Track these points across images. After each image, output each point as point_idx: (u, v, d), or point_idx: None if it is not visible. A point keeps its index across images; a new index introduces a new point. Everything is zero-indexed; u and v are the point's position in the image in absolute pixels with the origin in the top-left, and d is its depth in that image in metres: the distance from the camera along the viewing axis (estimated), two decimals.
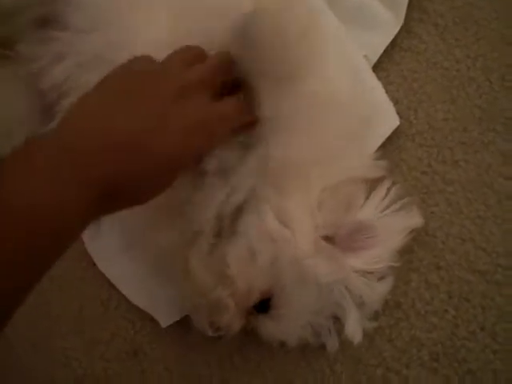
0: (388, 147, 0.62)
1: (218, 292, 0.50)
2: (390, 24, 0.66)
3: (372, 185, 0.56)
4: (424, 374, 0.56)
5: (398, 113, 0.62)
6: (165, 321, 0.60)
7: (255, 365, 0.59)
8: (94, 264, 0.65)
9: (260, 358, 0.59)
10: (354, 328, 0.52)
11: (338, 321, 0.54)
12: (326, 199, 0.52)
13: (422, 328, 0.57)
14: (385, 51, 0.65)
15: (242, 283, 0.50)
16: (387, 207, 0.55)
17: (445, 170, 0.61)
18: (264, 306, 0.52)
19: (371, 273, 0.53)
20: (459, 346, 0.56)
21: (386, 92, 0.63)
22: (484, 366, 0.55)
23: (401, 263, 0.56)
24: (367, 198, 0.55)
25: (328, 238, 0.53)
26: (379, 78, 0.63)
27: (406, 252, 0.58)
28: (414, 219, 0.56)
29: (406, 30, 0.66)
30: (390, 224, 0.54)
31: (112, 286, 0.64)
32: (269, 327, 0.52)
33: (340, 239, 0.53)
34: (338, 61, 0.57)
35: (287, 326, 0.52)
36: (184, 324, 0.59)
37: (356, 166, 0.56)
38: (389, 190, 0.55)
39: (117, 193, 0.32)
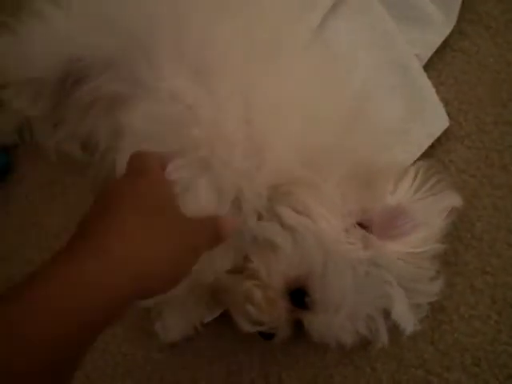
0: (437, 148, 0.61)
1: (244, 284, 0.50)
2: (442, 24, 0.65)
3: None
4: (464, 378, 0.56)
5: (447, 114, 0.61)
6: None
7: (294, 359, 0.58)
8: None
9: (300, 352, 0.58)
10: (404, 315, 0.51)
11: (388, 316, 0.52)
12: (347, 189, 0.51)
13: (465, 332, 0.57)
14: (436, 51, 0.64)
15: (264, 272, 0.50)
16: (419, 189, 0.53)
17: (493, 173, 0.60)
18: (302, 300, 0.51)
19: (417, 257, 0.51)
20: (501, 351, 0.56)
21: (437, 92, 0.62)
22: None
23: (446, 267, 0.56)
24: (397, 183, 0.53)
25: (364, 226, 0.52)
26: (430, 78, 0.63)
27: (452, 255, 0.57)
28: (451, 198, 0.53)
29: (457, 30, 0.65)
30: (427, 206, 0.52)
31: None
32: (312, 322, 0.52)
33: (376, 227, 0.52)
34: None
35: (329, 319, 0.51)
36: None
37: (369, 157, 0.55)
38: (417, 172, 0.53)
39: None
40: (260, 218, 0.51)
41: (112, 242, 0.34)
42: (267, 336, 0.52)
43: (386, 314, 0.52)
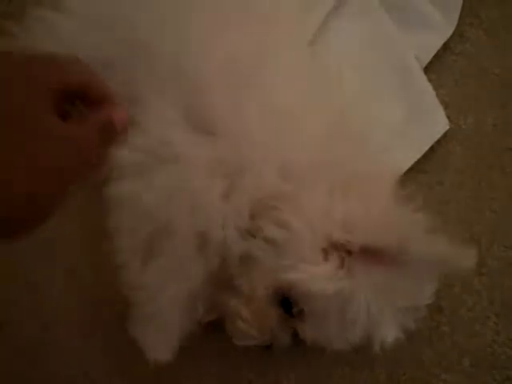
0: (436, 150, 0.61)
1: (231, 301, 0.50)
2: (442, 26, 0.65)
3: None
4: (463, 379, 0.56)
5: (447, 116, 0.61)
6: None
7: (293, 359, 0.58)
8: None
9: (299, 352, 0.58)
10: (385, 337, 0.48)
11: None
12: (334, 201, 0.50)
13: (464, 333, 0.57)
14: (436, 54, 0.65)
15: (246, 286, 0.49)
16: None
17: (492, 175, 0.61)
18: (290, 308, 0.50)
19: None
20: (499, 352, 0.56)
21: (437, 95, 0.62)
22: None
23: None
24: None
25: (344, 248, 0.48)
26: (430, 81, 0.63)
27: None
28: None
29: (458, 33, 0.65)
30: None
31: None
32: (304, 330, 0.50)
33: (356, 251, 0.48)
34: None
35: (319, 327, 0.50)
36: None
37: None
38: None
39: None
40: (244, 234, 0.50)
41: None
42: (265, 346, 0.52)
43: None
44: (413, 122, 0.62)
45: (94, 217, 0.53)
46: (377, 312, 0.47)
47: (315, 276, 0.46)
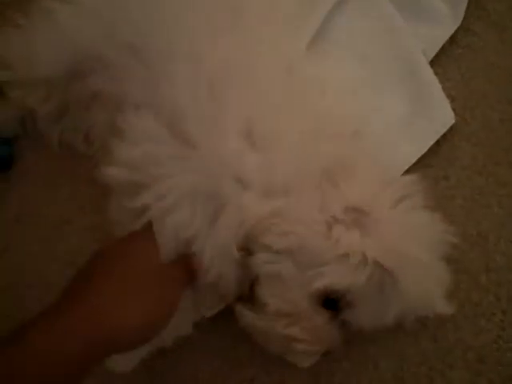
0: (442, 145, 0.61)
1: (276, 328, 0.48)
2: (449, 20, 0.65)
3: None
4: (468, 375, 0.56)
5: (453, 110, 0.61)
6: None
7: None
8: None
9: None
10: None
11: None
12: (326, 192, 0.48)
13: (469, 330, 0.56)
14: (443, 47, 0.64)
15: (283, 305, 0.48)
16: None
17: (498, 171, 0.60)
18: (336, 305, 0.49)
19: None
20: (505, 349, 0.56)
21: (443, 89, 0.61)
22: None
23: (451, 264, 0.55)
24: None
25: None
26: (436, 74, 0.62)
27: (456, 252, 0.56)
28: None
29: (464, 27, 0.65)
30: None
31: None
32: (358, 316, 0.49)
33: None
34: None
35: (370, 306, 0.48)
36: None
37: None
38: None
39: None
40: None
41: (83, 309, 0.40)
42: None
43: None
44: (419, 115, 0.61)
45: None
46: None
47: (343, 273, 0.45)
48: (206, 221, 0.47)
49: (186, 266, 0.47)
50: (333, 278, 0.46)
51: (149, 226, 0.47)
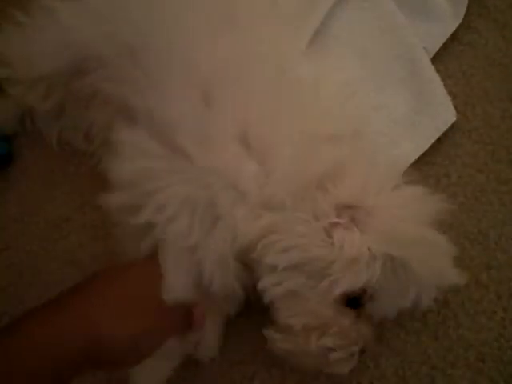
0: (443, 142, 0.61)
1: (309, 344, 0.48)
2: (450, 17, 0.65)
3: None
4: (469, 374, 0.55)
5: (455, 107, 0.61)
6: None
7: None
8: None
9: None
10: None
11: None
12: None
13: (470, 328, 0.56)
14: (444, 44, 0.64)
15: (308, 319, 0.48)
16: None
17: (500, 168, 0.60)
18: (359, 302, 0.49)
19: None
20: (506, 347, 0.56)
21: (444, 86, 0.61)
22: None
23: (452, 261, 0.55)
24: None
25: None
26: (437, 71, 0.62)
27: (457, 250, 0.56)
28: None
29: (466, 24, 0.64)
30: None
31: None
32: (381, 307, 0.49)
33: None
34: None
35: (393, 295, 0.48)
36: None
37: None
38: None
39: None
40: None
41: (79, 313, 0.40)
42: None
43: None
44: (420, 112, 0.61)
45: None
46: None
47: (357, 274, 0.45)
48: (204, 231, 0.46)
49: (184, 314, 0.46)
50: (349, 281, 0.46)
51: (154, 255, 0.46)
